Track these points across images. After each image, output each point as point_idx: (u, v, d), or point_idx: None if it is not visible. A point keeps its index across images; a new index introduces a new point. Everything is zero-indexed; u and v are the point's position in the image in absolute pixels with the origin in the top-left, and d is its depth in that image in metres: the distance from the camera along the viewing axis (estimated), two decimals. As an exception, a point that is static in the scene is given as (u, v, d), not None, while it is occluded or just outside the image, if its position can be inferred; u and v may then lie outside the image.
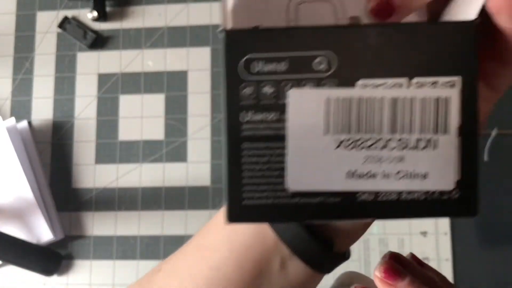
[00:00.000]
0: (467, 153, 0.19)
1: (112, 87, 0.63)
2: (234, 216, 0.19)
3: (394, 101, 0.19)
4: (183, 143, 0.60)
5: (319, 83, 0.19)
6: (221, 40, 0.19)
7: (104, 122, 0.62)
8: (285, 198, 0.19)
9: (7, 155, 0.58)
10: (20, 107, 0.64)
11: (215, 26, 0.62)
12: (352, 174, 0.19)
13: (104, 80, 0.63)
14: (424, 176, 0.19)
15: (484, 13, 0.20)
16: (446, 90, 0.19)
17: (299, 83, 0.19)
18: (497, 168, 0.56)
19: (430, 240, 0.57)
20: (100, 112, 0.62)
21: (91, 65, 0.63)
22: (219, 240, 0.25)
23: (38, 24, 0.65)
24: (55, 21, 0.64)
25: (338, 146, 0.19)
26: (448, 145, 0.19)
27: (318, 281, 0.27)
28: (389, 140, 0.19)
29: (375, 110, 0.19)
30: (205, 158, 0.60)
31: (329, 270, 0.26)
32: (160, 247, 0.59)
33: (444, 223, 0.56)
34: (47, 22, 0.65)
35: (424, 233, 0.57)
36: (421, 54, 0.19)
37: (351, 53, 0.19)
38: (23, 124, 0.62)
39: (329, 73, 0.19)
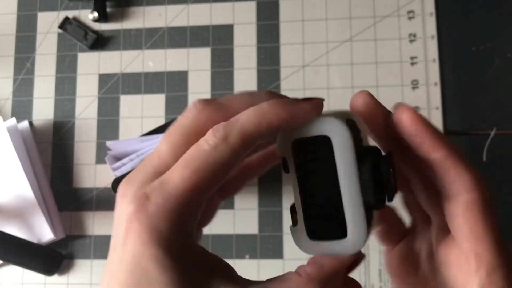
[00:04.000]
0: None
1: (112, 87, 0.63)
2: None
3: None
4: (183, 143, 0.60)
5: None
6: None
7: (105, 122, 0.62)
8: None
9: (8, 155, 0.59)
10: (21, 107, 0.64)
11: (215, 27, 0.63)
12: None
13: (104, 80, 0.63)
14: None
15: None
16: None
17: None
18: (495, 168, 0.56)
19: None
20: (100, 112, 0.62)
21: (91, 65, 0.63)
22: None
23: (39, 25, 0.65)
24: (55, 21, 0.65)
25: None
26: None
27: None
28: None
29: None
30: (205, 158, 0.60)
31: None
32: (160, 247, 0.59)
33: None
34: (48, 22, 0.65)
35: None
36: None
37: None
38: (24, 124, 0.62)
39: None
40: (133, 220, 0.20)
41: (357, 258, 0.23)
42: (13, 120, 0.61)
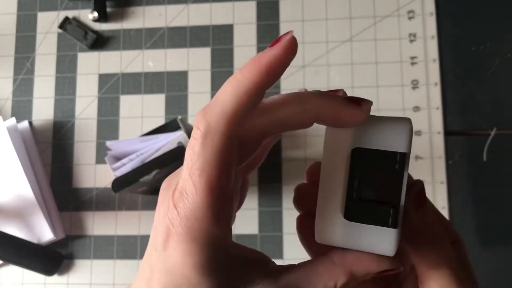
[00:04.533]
0: None
1: (112, 87, 0.63)
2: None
3: None
4: (183, 143, 0.60)
5: None
6: None
7: (105, 122, 0.62)
8: None
9: (8, 155, 0.59)
10: (21, 107, 0.64)
11: (215, 27, 0.63)
12: None
13: (104, 80, 0.63)
14: None
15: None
16: None
17: None
18: (495, 168, 0.56)
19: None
20: (100, 112, 0.62)
21: (91, 65, 0.63)
22: None
23: (39, 25, 0.65)
24: (55, 21, 0.65)
25: None
26: None
27: None
28: None
29: None
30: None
31: None
32: (160, 247, 0.59)
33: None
34: (47, 22, 0.65)
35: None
36: None
37: None
38: (24, 124, 0.62)
39: None
40: (171, 229, 0.20)
41: (395, 267, 0.23)
42: (13, 120, 0.61)
